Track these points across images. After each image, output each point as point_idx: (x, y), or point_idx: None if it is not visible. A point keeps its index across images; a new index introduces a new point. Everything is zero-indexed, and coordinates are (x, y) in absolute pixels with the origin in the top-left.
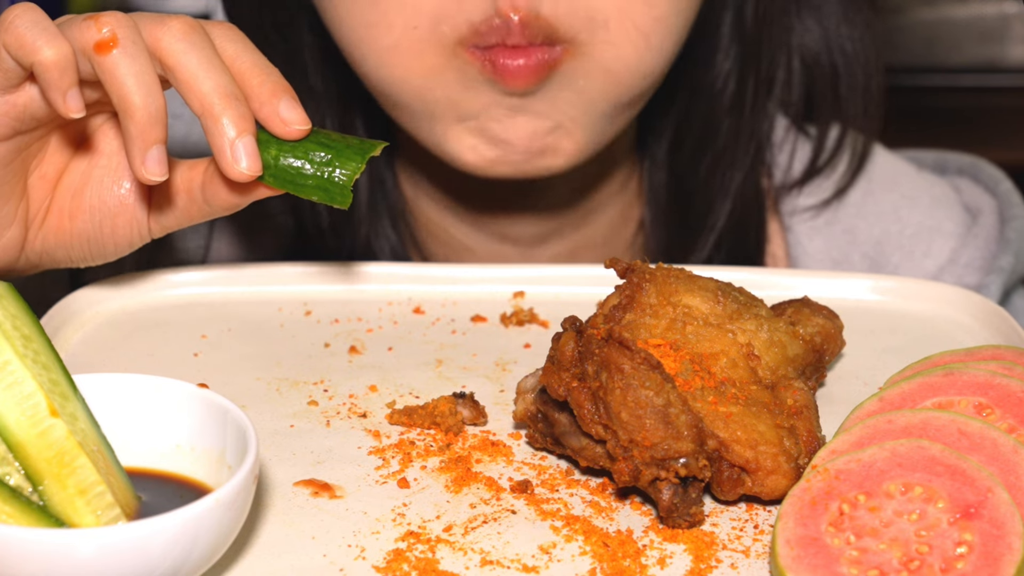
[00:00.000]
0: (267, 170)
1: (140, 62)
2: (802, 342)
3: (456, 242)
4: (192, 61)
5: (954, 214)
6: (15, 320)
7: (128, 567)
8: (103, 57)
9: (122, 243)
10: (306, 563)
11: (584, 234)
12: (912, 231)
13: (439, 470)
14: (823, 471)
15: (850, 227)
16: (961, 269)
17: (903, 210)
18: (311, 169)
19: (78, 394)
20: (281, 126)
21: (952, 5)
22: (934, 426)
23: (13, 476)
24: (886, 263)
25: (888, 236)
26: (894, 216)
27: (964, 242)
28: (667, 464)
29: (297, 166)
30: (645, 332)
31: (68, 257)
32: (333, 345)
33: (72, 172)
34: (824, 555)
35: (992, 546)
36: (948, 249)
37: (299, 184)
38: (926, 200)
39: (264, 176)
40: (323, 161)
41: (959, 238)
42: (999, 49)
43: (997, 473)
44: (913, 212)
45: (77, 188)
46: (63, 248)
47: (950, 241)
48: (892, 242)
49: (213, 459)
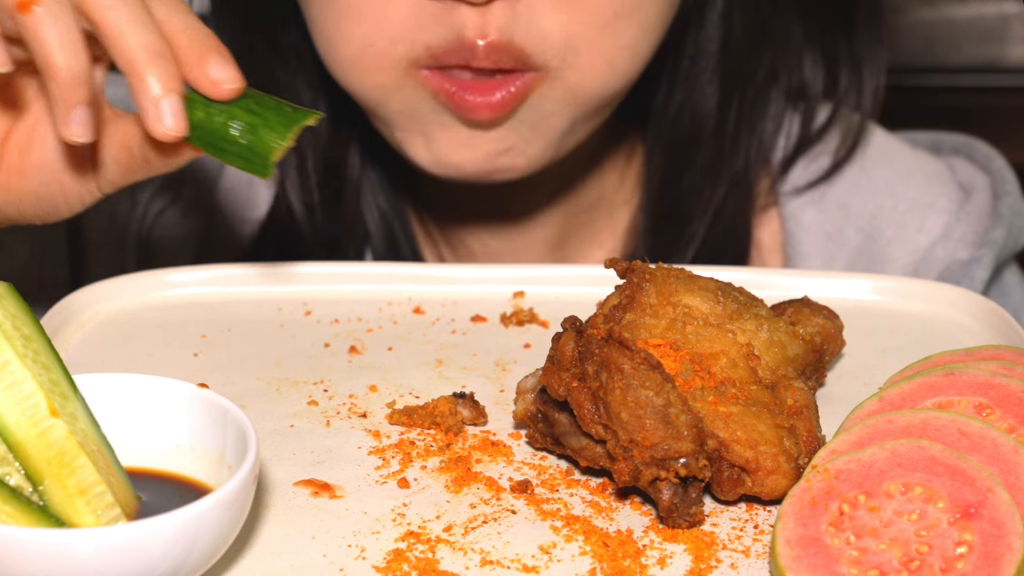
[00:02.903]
0: (193, 131)
1: (63, 21)
2: (802, 342)
3: (444, 226)
4: (120, 17)
5: (948, 191)
6: (15, 320)
7: (128, 567)
8: (25, 16)
9: (73, 200)
10: (306, 563)
11: (576, 219)
12: (906, 206)
13: (439, 470)
14: (823, 471)
15: (844, 201)
16: (954, 244)
17: (898, 186)
18: (236, 134)
19: (78, 394)
20: (210, 86)
21: (952, 5)
22: (934, 426)
23: (13, 476)
24: (880, 236)
25: (882, 211)
26: (888, 191)
27: (957, 218)
28: (667, 464)
29: (221, 130)
30: (645, 332)
31: (20, 214)
32: (333, 345)
33: (18, 130)
34: (824, 555)
35: (992, 546)
36: (941, 224)
37: (222, 149)
38: (920, 177)
39: (191, 137)
40: (247, 128)
41: (952, 214)
42: (999, 49)
43: (997, 473)
44: (907, 188)
45: (24, 146)
46: (14, 205)
47: (943, 217)
48: (886, 217)
49: (213, 459)
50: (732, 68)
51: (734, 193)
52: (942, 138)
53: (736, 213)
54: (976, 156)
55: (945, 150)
